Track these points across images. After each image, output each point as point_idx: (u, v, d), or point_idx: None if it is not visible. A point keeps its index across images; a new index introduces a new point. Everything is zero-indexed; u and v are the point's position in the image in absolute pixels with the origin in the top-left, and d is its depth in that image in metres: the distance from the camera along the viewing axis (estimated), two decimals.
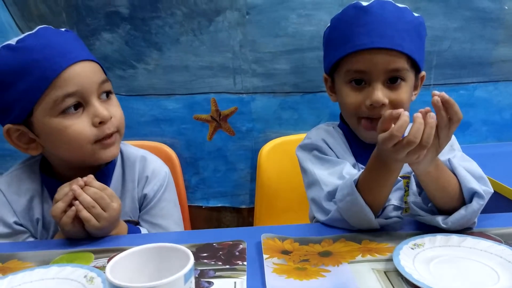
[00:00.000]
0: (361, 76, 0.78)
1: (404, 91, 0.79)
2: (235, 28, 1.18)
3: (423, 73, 0.84)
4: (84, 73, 0.76)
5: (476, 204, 0.67)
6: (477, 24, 1.21)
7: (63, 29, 0.81)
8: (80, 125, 0.75)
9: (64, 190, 0.72)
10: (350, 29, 0.77)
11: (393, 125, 0.60)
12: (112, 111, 0.79)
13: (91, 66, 0.78)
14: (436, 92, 0.60)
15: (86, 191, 0.71)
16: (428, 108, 0.61)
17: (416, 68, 0.81)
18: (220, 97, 1.24)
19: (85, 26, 1.17)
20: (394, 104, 0.77)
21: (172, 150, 1.21)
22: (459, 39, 1.22)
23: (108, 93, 0.81)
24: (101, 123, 0.76)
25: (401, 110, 0.60)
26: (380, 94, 0.76)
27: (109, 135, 0.78)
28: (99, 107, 0.76)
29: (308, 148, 0.87)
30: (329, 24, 0.85)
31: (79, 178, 0.72)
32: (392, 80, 0.78)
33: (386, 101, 0.76)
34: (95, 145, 0.77)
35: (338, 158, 0.84)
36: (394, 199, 0.73)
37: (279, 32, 1.19)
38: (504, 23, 1.21)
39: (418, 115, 0.59)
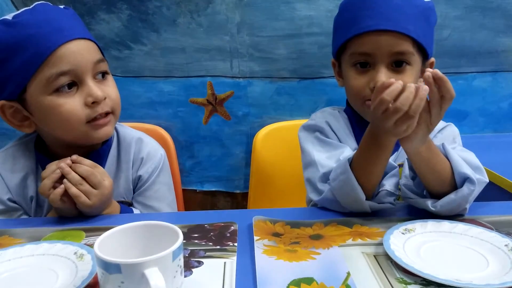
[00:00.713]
0: (366, 59, 0.78)
1: (409, 75, 0.78)
2: (233, 10, 1.16)
3: (432, 59, 0.84)
4: (79, 52, 0.74)
5: (467, 189, 0.67)
6: (478, 13, 1.20)
7: (61, 6, 0.79)
8: (72, 104, 0.74)
9: (51, 168, 0.72)
10: (357, 12, 0.77)
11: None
12: (107, 91, 0.78)
13: (87, 45, 0.77)
14: (430, 69, 0.60)
15: (77, 169, 0.71)
16: (423, 82, 0.61)
17: (424, 54, 0.81)
18: (216, 81, 1.23)
19: (81, 4, 1.15)
20: None
21: (167, 133, 1.21)
22: (459, 28, 1.21)
23: (104, 73, 0.79)
24: (94, 103, 0.75)
25: (393, 79, 0.61)
26: (384, 76, 0.76)
27: (103, 115, 0.77)
28: (93, 87, 0.75)
29: (311, 129, 0.87)
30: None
31: (68, 157, 0.72)
32: (397, 64, 0.78)
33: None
34: (87, 126, 0.76)
35: (340, 141, 0.85)
36: (388, 184, 0.73)
37: (278, 16, 1.18)
38: (505, 13, 1.20)
39: (411, 85, 0.60)
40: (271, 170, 1.22)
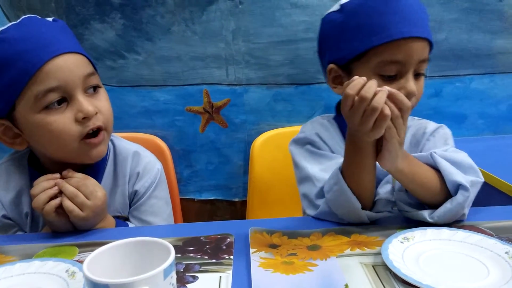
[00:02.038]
0: (397, 68, 0.72)
1: (423, 83, 0.77)
2: (228, 17, 1.16)
3: None
4: (67, 67, 0.72)
5: (461, 197, 0.66)
6: (474, 15, 1.19)
7: (50, 19, 0.77)
8: (62, 121, 0.72)
9: (42, 184, 0.71)
10: (381, 17, 0.71)
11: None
12: (99, 106, 0.75)
13: (76, 59, 0.74)
14: (378, 88, 0.60)
15: (68, 181, 0.70)
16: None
17: None
18: (212, 89, 1.22)
19: (74, 15, 1.15)
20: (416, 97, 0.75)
21: (163, 142, 1.20)
22: (456, 30, 1.20)
23: (95, 87, 0.77)
24: (85, 118, 0.73)
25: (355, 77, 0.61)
26: (413, 85, 0.73)
27: (95, 132, 0.75)
28: (84, 102, 0.72)
29: (302, 142, 0.85)
30: (334, 10, 0.78)
31: (57, 174, 0.72)
32: (417, 72, 0.75)
33: (416, 93, 0.74)
34: (81, 143, 0.74)
35: (332, 152, 0.83)
36: (383, 192, 0.72)
37: (273, 22, 1.17)
38: (501, 15, 1.19)
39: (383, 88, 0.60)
40: (270, 177, 1.21)
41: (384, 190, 0.72)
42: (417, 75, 0.75)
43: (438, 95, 1.25)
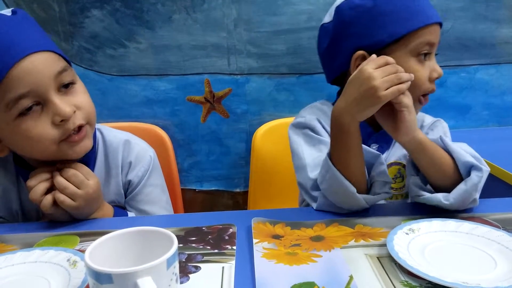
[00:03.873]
0: (429, 48, 0.77)
1: None
2: (229, 6, 1.14)
3: None
4: (35, 69, 0.65)
5: (476, 177, 0.66)
6: (480, 4, 1.17)
7: (8, 11, 0.69)
8: (40, 127, 0.67)
9: (41, 175, 0.70)
10: (414, 1, 0.76)
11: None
12: (77, 102, 0.70)
13: (45, 58, 0.67)
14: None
15: (61, 172, 0.69)
16: None
17: None
18: (214, 78, 1.20)
19: (74, 3, 1.13)
20: None
21: (164, 132, 1.19)
22: (461, 19, 1.18)
23: (70, 83, 0.70)
24: (64, 120, 0.67)
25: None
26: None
27: (76, 131, 0.70)
28: (59, 104, 0.66)
29: (301, 126, 0.85)
30: None
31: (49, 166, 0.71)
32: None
33: None
34: (62, 144, 0.69)
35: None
36: (376, 173, 0.71)
37: (275, 11, 1.15)
38: (507, 3, 1.17)
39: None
40: (272, 167, 1.20)
41: (376, 171, 0.71)
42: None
43: (442, 86, 1.23)
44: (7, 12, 0.69)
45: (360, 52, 0.77)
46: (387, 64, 0.64)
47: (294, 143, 0.83)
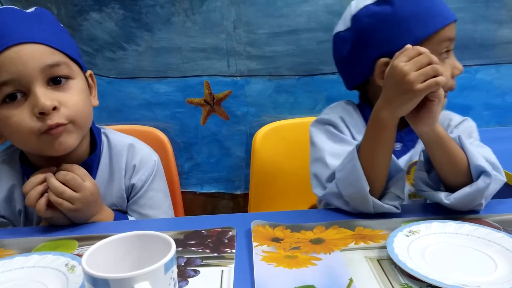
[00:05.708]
0: (450, 45, 0.78)
1: None
2: (228, 8, 1.14)
3: None
4: (20, 59, 0.66)
5: (482, 183, 0.65)
6: (480, 4, 1.17)
7: (32, 9, 0.73)
8: (20, 116, 0.67)
9: (35, 180, 0.70)
10: (433, 2, 0.77)
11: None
12: (63, 99, 0.69)
13: (33, 49, 0.67)
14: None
15: (56, 176, 0.69)
16: None
17: None
18: (213, 80, 1.20)
19: (72, 5, 1.13)
20: None
21: (164, 135, 1.18)
22: (461, 19, 1.17)
23: (63, 78, 0.71)
24: (43, 114, 0.67)
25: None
26: None
27: (54, 127, 0.69)
28: (40, 96, 0.66)
29: (323, 122, 0.84)
30: (371, 2, 0.78)
31: (53, 167, 0.71)
32: None
33: None
34: (42, 137, 0.69)
35: (353, 138, 0.83)
36: (394, 187, 0.71)
37: (274, 12, 1.15)
38: (508, 3, 1.17)
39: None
40: (272, 169, 1.20)
41: (395, 185, 0.71)
42: None
43: None
44: (30, 10, 0.72)
45: (384, 59, 0.76)
46: (419, 54, 0.63)
47: (315, 136, 0.83)
